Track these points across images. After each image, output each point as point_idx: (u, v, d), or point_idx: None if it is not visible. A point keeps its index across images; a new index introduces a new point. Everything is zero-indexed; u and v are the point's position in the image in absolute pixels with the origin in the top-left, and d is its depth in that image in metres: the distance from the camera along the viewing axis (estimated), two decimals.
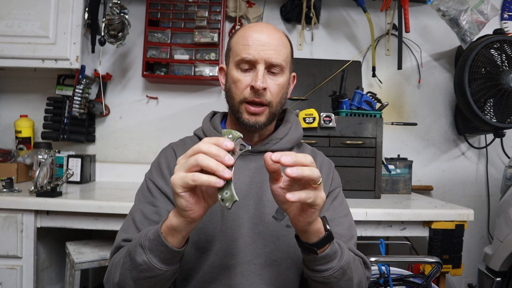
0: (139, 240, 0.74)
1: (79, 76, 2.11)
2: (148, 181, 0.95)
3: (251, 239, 0.88)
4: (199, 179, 0.63)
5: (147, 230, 0.75)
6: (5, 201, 1.55)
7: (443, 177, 2.39)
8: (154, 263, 0.71)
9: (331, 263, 0.76)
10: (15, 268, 1.56)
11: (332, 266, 0.76)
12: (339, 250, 0.77)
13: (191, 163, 0.64)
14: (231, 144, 0.66)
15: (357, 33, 2.38)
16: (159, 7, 2.18)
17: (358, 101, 1.86)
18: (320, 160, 1.02)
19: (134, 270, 0.74)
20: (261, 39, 0.89)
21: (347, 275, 0.78)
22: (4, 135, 2.31)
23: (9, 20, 1.94)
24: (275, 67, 0.90)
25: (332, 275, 0.76)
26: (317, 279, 0.77)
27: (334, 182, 0.99)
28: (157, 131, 2.34)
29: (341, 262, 0.76)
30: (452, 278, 2.26)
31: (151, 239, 0.72)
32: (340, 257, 0.77)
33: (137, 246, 0.73)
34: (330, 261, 0.75)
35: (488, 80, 1.95)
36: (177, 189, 0.65)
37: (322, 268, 0.76)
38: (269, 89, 0.90)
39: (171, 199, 0.92)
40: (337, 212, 0.95)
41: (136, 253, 0.73)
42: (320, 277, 0.76)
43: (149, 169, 0.99)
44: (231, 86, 0.93)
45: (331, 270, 0.76)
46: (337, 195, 0.98)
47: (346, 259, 0.77)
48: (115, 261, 0.83)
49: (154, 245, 0.71)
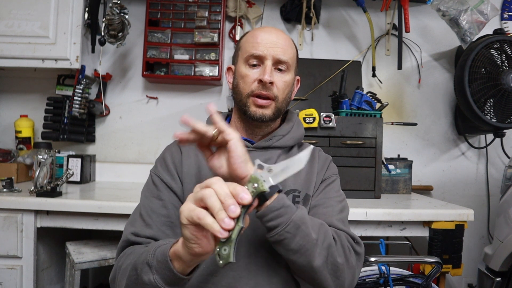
0: (147, 257, 0.73)
1: (79, 76, 2.11)
2: (154, 175, 0.96)
3: (253, 232, 0.89)
4: (203, 219, 0.60)
5: (156, 247, 0.74)
6: (5, 201, 1.55)
7: (443, 177, 2.39)
8: (160, 285, 0.71)
9: (281, 218, 0.75)
10: (15, 268, 1.56)
11: (283, 221, 0.75)
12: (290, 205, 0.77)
13: (198, 197, 0.62)
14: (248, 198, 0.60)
15: (357, 33, 2.38)
16: (159, 7, 2.18)
17: (358, 101, 1.87)
18: (317, 154, 1.05)
19: (139, 287, 0.74)
20: (270, 38, 0.95)
21: (302, 231, 0.77)
22: (4, 135, 2.31)
23: (9, 20, 1.94)
24: (282, 64, 0.95)
25: (284, 229, 0.75)
26: (273, 238, 0.77)
27: (328, 171, 1.02)
28: (157, 131, 2.34)
29: (293, 216, 0.76)
30: (452, 278, 2.26)
31: (159, 260, 0.71)
32: (293, 212, 0.76)
33: (144, 264, 0.73)
34: (280, 216, 0.75)
35: (488, 80, 1.95)
36: (182, 220, 0.63)
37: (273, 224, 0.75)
38: (276, 84, 0.94)
39: (176, 193, 0.93)
40: (329, 196, 0.96)
41: (143, 271, 0.73)
42: (275, 235, 0.76)
43: (154, 165, 1.00)
44: (239, 81, 0.97)
45: (282, 225, 0.75)
46: (331, 182, 1.00)
47: (299, 215, 0.77)
48: (122, 266, 0.82)
49: (161, 268, 0.71)
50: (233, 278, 0.87)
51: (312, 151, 0.89)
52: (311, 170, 0.99)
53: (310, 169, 0.99)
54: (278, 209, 0.75)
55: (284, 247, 0.78)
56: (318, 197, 0.95)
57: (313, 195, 0.97)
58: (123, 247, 0.88)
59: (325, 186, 0.99)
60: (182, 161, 0.96)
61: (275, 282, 0.89)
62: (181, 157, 0.97)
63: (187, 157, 0.97)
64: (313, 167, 1.00)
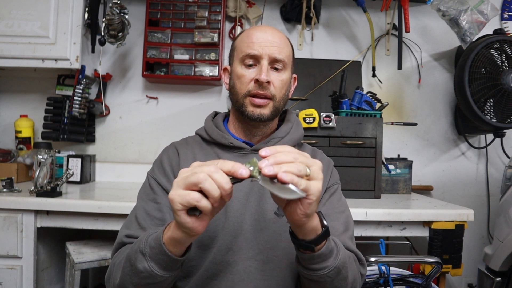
0: (140, 246, 0.73)
1: (79, 76, 2.11)
2: (150, 178, 0.96)
3: (253, 236, 0.89)
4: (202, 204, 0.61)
5: (148, 235, 0.74)
6: (5, 201, 1.55)
7: (443, 177, 2.39)
8: (156, 270, 0.71)
9: (326, 262, 0.74)
10: (15, 268, 1.56)
11: (328, 265, 0.74)
12: (335, 248, 0.76)
13: (191, 181, 0.61)
14: (246, 171, 0.62)
15: (357, 33, 2.38)
16: (159, 7, 2.18)
17: (358, 101, 1.87)
18: (319, 158, 1.02)
19: (134, 276, 0.74)
20: (265, 36, 0.94)
21: (342, 274, 0.77)
22: (4, 135, 2.31)
23: (9, 20, 1.94)
24: (278, 62, 0.94)
25: (326, 274, 0.74)
26: (312, 278, 0.76)
27: (332, 179, 1.01)
28: (157, 131, 2.34)
29: (337, 261, 0.75)
30: (452, 278, 2.26)
31: (152, 247, 0.71)
32: (336, 256, 0.75)
33: (138, 252, 0.73)
34: (326, 260, 0.74)
35: (488, 80, 1.95)
36: (175, 206, 0.62)
37: (317, 267, 0.74)
38: (273, 83, 0.94)
39: None
40: (333, 207, 0.95)
41: (137, 259, 0.73)
42: (315, 276, 0.75)
43: (151, 167, 1.00)
44: (235, 82, 0.96)
45: (326, 269, 0.74)
46: (334, 191, 0.99)
47: (341, 258, 0.76)
48: (116, 262, 0.82)
49: (155, 253, 0.71)
50: (232, 282, 0.87)
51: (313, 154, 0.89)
52: None
53: None
54: (326, 255, 0.73)
55: (319, 285, 0.77)
56: (323, 209, 0.93)
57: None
58: (117, 249, 0.88)
59: (330, 196, 0.97)
60: (180, 163, 0.96)
61: (274, 285, 0.89)
62: (179, 159, 0.97)
63: (185, 159, 0.96)
64: None
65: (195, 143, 1.02)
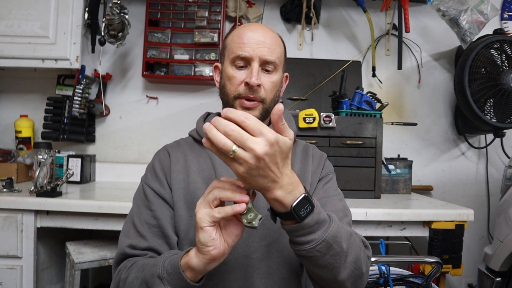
0: (156, 271, 0.74)
1: (79, 76, 2.11)
2: (144, 185, 0.96)
3: (247, 234, 0.89)
4: (223, 211, 0.67)
5: (163, 259, 0.75)
6: (5, 201, 1.55)
7: (443, 177, 2.39)
8: None
9: (313, 235, 0.69)
10: (15, 268, 1.56)
11: (314, 238, 0.69)
12: (326, 222, 0.71)
13: (210, 198, 0.68)
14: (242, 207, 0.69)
15: (357, 33, 2.38)
16: (159, 7, 2.18)
17: (358, 101, 1.86)
18: (311, 152, 1.04)
19: None
20: (256, 37, 0.91)
21: (334, 249, 0.71)
22: (4, 135, 2.31)
23: (9, 20, 1.94)
24: (269, 64, 0.92)
25: (314, 248, 0.70)
26: (301, 253, 0.72)
27: (325, 169, 1.01)
28: (157, 131, 2.34)
29: (326, 234, 0.70)
30: (452, 278, 2.26)
31: (169, 273, 0.73)
32: (326, 229, 0.70)
33: (155, 277, 0.74)
34: (312, 232, 0.69)
35: (488, 80, 1.95)
36: (202, 223, 0.68)
37: (303, 239, 0.70)
38: (263, 86, 0.92)
39: (167, 200, 0.93)
40: (329, 194, 0.95)
41: (154, 284, 0.74)
42: (303, 250, 0.71)
43: (145, 173, 1.00)
44: (225, 83, 0.95)
45: (313, 243, 0.69)
46: (329, 180, 1.00)
47: (332, 232, 0.71)
48: (128, 279, 0.81)
49: (172, 279, 0.73)
50: (229, 282, 0.87)
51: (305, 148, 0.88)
52: (305, 168, 0.98)
53: (304, 167, 0.98)
54: (311, 226, 0.69)
55: (311, 262, 0.73)
56: (318, 196, 0.94)
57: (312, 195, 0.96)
58: (121, 259, 0.88)
59: (323, 185, 0.98)
60: (171, 166, 0.96)
61: (271, 285, 0.89)
62: (170, 162, 0.97)
63: (176, 162, 0.96)
64: (307, 165, 0.99)
65: (187, 145, 1.02)
